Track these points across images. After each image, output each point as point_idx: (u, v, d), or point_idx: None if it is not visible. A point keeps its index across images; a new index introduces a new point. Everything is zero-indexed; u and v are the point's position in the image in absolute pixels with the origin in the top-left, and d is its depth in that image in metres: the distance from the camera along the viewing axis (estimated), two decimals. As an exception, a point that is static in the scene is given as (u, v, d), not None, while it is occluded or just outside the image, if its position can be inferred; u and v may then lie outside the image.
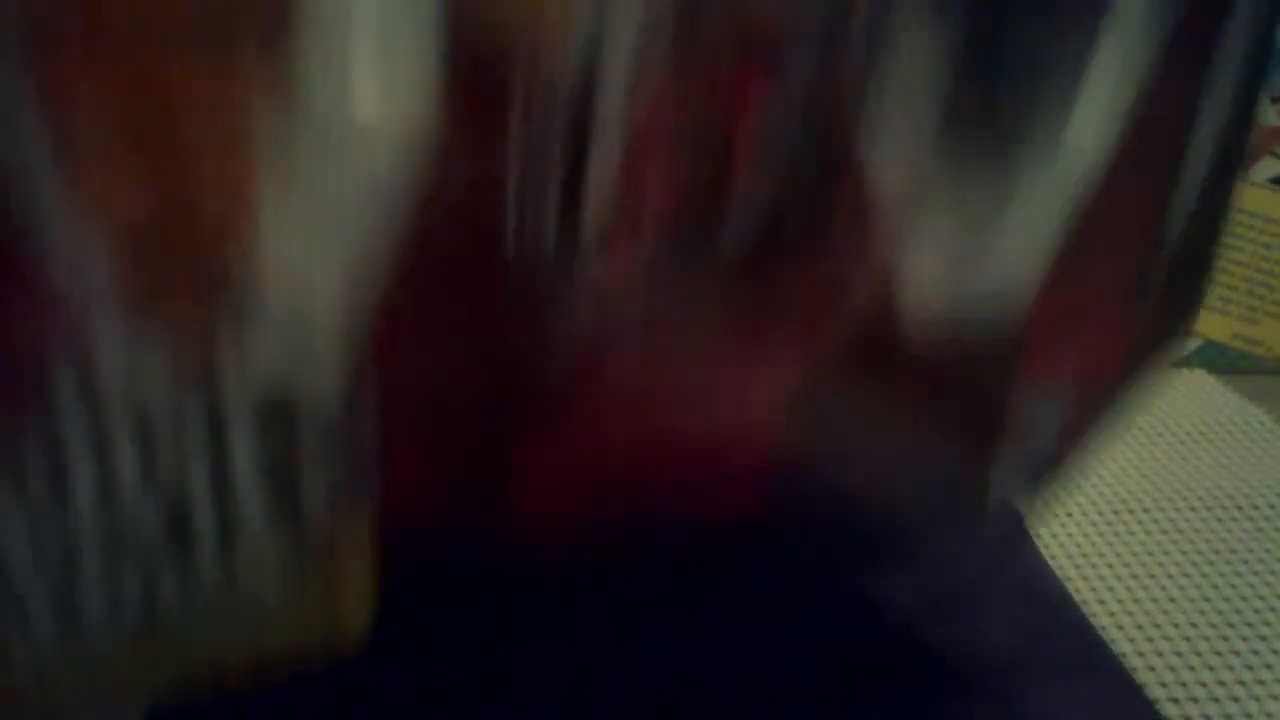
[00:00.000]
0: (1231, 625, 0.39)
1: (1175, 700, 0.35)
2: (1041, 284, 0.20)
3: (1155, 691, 0.36)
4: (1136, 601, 0.40)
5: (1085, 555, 0.42)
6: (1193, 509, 0.46)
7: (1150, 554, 0.43)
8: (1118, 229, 0.20)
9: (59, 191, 0.14)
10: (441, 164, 0.15)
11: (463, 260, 0.16)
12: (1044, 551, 0.38)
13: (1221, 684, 0.36)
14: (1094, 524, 0.45)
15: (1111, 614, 0.39)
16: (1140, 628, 0.39)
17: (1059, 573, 0.37)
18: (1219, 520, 0.45)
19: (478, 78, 0.15)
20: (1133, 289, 0.21)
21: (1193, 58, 0.19)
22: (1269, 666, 0.37)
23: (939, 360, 0.19)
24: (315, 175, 0.15)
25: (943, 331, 0.19)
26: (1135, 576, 0.41)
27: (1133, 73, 0.19)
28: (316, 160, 0.15)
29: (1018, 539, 0.35)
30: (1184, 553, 0.43)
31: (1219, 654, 0.38)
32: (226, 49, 0.15)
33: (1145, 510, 0.46)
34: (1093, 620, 0.39)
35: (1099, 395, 0.22)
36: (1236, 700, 0.36)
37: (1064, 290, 0.20)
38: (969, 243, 0.19)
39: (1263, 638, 0.38)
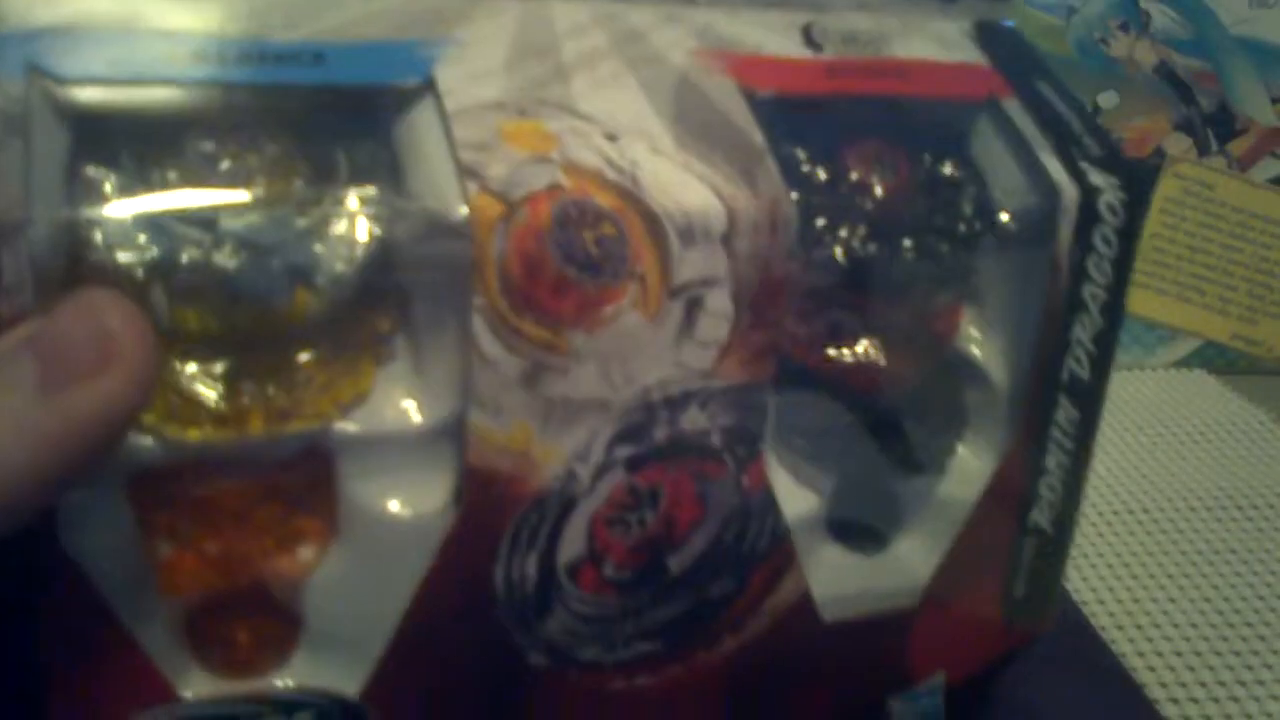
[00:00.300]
0: (1231, 625, 0.39)
1: (1175, 700, 0.35)
2: (927, 585, 0.26)
3: (1155, 691, 0.36)
4: (1136, 601, 0.40)
5: (1085, 555, 0.42)
6: (1193, 509, 0.46)
7: (1150, 554, 0.43)
8: (985, 548, 0.26)
9: (148, 580, 0.20)
10: (452, 542, 0.21)
11: (461, 598, 0.21)
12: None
13: (1221, 684, 0.36)
14: (1094, 524, 0.45)
15: (1111, 614, 0.39)
16: (1140, 628, 0.39)
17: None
18: (1219, 520, 0.45)
19: (483, 487, 0.21)
20: (997, 595, 0.27)
21: (1036, 429, 0.26)
22: (1269, 666, 0.37)
23: (843, 637, 0.25)
24: (357, 553, 0.21)
25: (846, 616, 0.25)
26: (1135, 576, 0.41)
27: (994, 446, 0.26)
28: (359, 545, 0.21)
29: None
30: (1184, 553, 0.43)
31: (1219, 654, 0.38)
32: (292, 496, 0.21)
33: (1145, 510, 0.46)
34: (1093, 620, 0.39)
35: (966, 676, 0.28)
36: (1236, 700, 0.36)
37: (943, 590, 0.26)
38: (867, 558, 0.26)
39: (1263, 638, 0.38)
